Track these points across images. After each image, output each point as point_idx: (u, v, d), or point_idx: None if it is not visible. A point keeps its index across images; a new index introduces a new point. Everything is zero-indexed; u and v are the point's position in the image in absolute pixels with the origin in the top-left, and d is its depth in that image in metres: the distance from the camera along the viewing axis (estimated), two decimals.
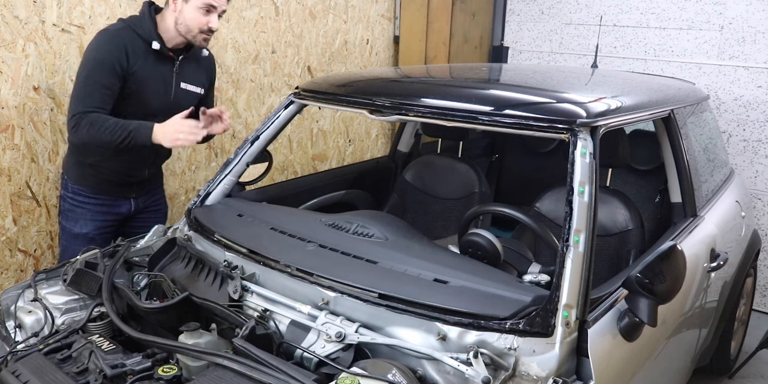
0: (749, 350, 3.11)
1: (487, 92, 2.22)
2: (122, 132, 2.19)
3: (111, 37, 2.28)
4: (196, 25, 2.31)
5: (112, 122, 2.20)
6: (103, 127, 2.19)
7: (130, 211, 2.57)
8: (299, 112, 2.41)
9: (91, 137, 2.22)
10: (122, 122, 2.21)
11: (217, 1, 2.30)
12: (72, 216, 2.49)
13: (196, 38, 2.34)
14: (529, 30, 4.49)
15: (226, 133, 3.30)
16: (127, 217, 2.58)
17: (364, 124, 4.09)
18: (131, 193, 2.54)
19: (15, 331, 1.83)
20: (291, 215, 2.26)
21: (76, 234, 2.48)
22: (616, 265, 2.34)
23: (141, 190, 2.57)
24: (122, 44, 2.26)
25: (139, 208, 2.59)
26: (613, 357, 1.63)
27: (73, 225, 2.49)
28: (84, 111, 2.20)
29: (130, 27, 2.31)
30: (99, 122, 2.19)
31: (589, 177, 1.68)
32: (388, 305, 1.60)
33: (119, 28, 2.31)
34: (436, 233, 2.90)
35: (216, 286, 1.86)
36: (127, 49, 2.27)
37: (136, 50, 2.29)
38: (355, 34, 3.86)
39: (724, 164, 3.06)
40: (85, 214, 2.47)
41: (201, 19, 2.30)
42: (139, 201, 2.58)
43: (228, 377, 1.45)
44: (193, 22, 2.30)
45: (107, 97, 2.24)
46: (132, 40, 2.29)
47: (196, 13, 2.28)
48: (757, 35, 3.62)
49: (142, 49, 2.31)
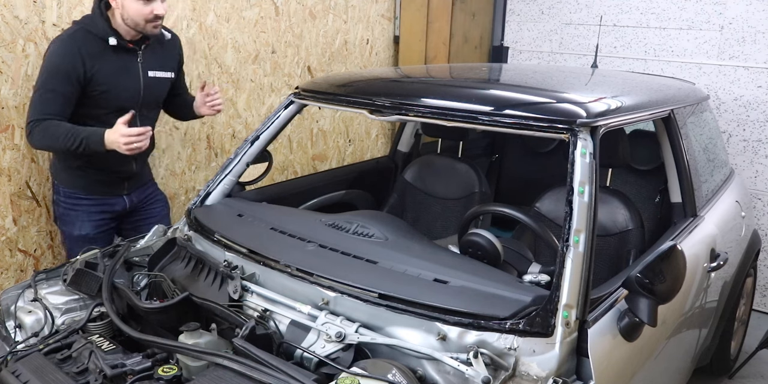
0: (749, 350, 3.11)
1: (487, 92, 2.22)
2: (74, 139, 2.22)
3: (64, 43, 2.28)
4: (140, 17, 2.28)
5: (63, 130, 2.23)
6: (56, 135, 2.22)
7: (125, 209, 2.58)
8: (299, 112, 2.41)
9: (45, 144, 2.29)
10: (74, 130, 2.23)
11: None
12: (68, 219, 2.49)
13: (145, 29, 2.32)
14: (529, 30, 4.49)
15: (226, 133, 3.30)
16: (124, 215, 2.59)
17: (364, 124, 4.09)
18: (123, 190, 2.55)
19: (15, 331, 1.83)
20: (291, 215, 2.26)
21: (77, 237, 2.49)
22: (616, 265, 2.34)
23: (132, 186, 2.58)
24: (76, 49, 2.26)
25: (134, 203, 2.60)
26: (613, 357, 1.63)
27: (71, 228, 2.50)
28: (38, 118, 2.24)
29: (83, 28, 2.31)
30: (51, 130, 2.23)
31: (589, 177, 1.68)
32: (388, 305, 1.60)
33: (72, 32, 2.31)
34: (436, 233, 2.90)
35: (216, 286, 1.86)
36: (83, 53, 2.26)
37: (93, 51, 2.29)
38: (355, 34, 3.86)
39: (724, 164, 3.06)
40: (80, 216, 2.48)
41: (144, 10, 2.27)
42: (132, 197, 2.59)
43: (228, 377, 1.45)
44: (137, 14, 2.27)
45: (64, 104, 2.27)
46: (87, 42, 2.28)
47: (136, 5, 2.26)
48: (757, 35, 3.62)
49: (100, 48, 2.30)
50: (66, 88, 2.25)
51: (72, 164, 2.43)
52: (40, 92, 2.26)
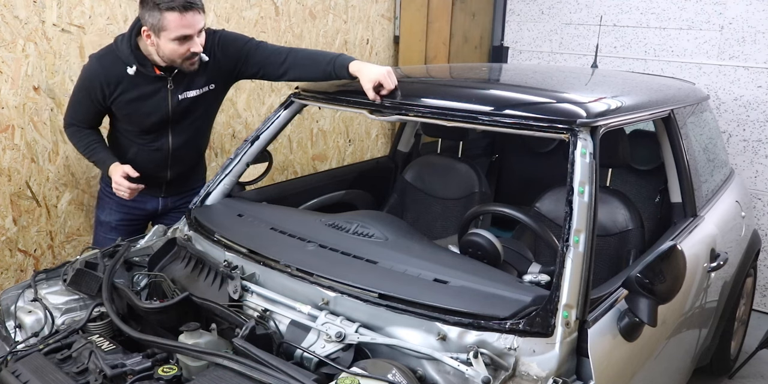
0: (749, 350, 3.11)
1: (487, 92, 2.22)
2: (89, 156, 2.40)
3: (91, 64, 2.29)
4: (177, 56, 2.19)
5: (84, 143, 2.39)
6: (78, 143, 2.40)
7: (158, 209, 2.58)
8: (299, 112, 2.41)
9: (72, 143, 2.45)
10: (91, 148, 2.38)
11: (189, 29, 2.13)
12: (101, 203, 2.56)
13: (183, 66, 2.23)
14: (529, 30, 4.49)
15: (226, 133, 3.30)
16: (155, 215, 2.60)
17: (364, 124, 4.09)
18: (159, 193, 2.56)
19: (15, 331, 1.83)
20: (291, 215, 2.26)
21: (102, 221, 2.55)
22: (616, 265, 2.34)
23: (170, 190, 2.57)
24: (99, 72, 2.25)
25: (168, 207, 2.60)
26: (613, 357, 1.63)
27: (100, 212, 2.56)
28: (70, 122, 2.41)
29: (113, 51, 2.26)
30: (76, 137, 2.40)
31: (589, 177, 1.68)
32: (388, 305, 1.60)
33: (101, 55, 2.29)
34: (436, 233, 2.90)
35: (216, 286, 1.86)
36: (104, 79, 2.25)
37: (116, 76, 2.25)
38: (355, 34, 3.86)
39: (724, 164, 3.06)
40: (111, 204, 2.52)
41: (179, 50, 2.16)
42: (168, 200, 2.59)
43: (228, 377, 1.45)
44: (173, 53, 2.18)
45: (88, 114, 2.37)
46: (113, 66, 2.25)
47: (172, 45, 2.15)
48: (757, 35, 3.62)
49: (124, 72, 2.24)
50: (89, 103, 2.33)
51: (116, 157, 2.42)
52: (72, 100, 2.38)
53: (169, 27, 2.10)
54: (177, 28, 2.11)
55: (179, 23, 2.10)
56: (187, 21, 2.11)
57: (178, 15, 2.09)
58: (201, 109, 2.43)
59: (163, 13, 2.08)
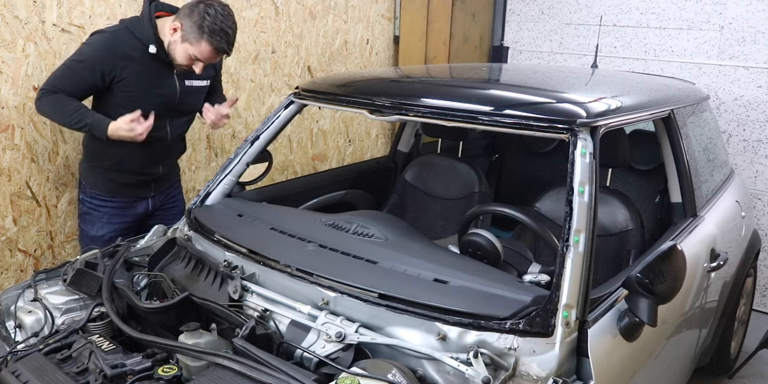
0: (749, 350, 3.11)
1: (487, 92, 2.22)
2: (78, 121, 2.24)
3: (105, 38, 2.28)
4: (178, 59, 2.30)
5: (72, 107, 2.24)
6: (63, 109, 2.24)
7: (148, 210, 2.59)
8: (299, 112, 2.41)
9: (49, 114, 2.30)
10: (82, 111, 2.25)
11: (207, 59, 2.28)
12: (89, 219, 2.51)
13: (178, 67, 2.35)
14: (529, 30, 4.49)
15: (226, 133, 3.30)
16: (144, 216, 2.60)
17: (364, 124, 4.09)
18: (149, 192, 2.56)
19: (15, 331, 1.83)
20: (291, 215, 2.26)
21: (93, 237, 2.50)
22: (616, 265, 2.34)
23: (158, 188, 2.59)
24: (114, 46, 2.25)
25: (156, 206, 2.61)
26: (613, 357, 1.63)
27: (90, 228, 2.51)
28: (52, 90, 2.25)
29: (128, 28, 2.30)
30: (60, 102, 2.24)
31: (589, 177, 1.68)
32: (388, 305, 1.60)
33: (116, 30, 2.30)
34: (436, 233, 2.90)
35: (216, 286, 1.86)
36: (119, 53, 2.26)
37: (132, 53, 2.28)
38: (355, 34, 3.86)
39: (724, 164, 3.06)
40: (101, 218, 2.50)
41: (185, 61, 2.29)
42: (156, 199, 2.60)
43: (228, 377, 1.45)
44: (180, 59, 2.29)
45: (79, 87, 2.27)
46: (128, 43, 2.28)
47: (184, 54, 2.27)
48: (757, 35, 3.62)
49: (139, 51, 2.29)
50: (89, 74, 2.25)
51: (101, 165, 2.44)
52: (63, 68, 2.27)
53: (196, 50, 2.24)
54: (200, 53, 2.25)
55: (205, 54, 2.25)
56: (211, 56, 2.28)
57: (210, 50, 2.24)
58: (197, 100, 2.53)
59: (202, 39, 2.21)
